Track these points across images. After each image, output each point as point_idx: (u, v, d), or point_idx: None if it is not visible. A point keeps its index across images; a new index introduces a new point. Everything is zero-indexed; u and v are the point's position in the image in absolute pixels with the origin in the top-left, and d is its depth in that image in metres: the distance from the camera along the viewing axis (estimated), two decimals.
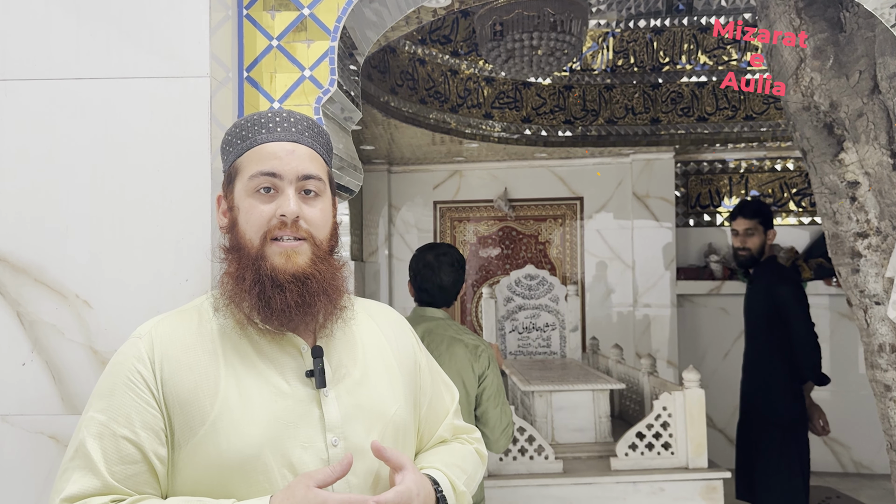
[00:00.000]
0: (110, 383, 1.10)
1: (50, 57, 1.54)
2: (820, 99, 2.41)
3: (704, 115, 5.03)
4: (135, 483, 1.06)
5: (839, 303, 5.16)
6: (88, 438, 1.06)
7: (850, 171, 2.39)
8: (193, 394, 1.08)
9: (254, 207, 1.13)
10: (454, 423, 1.38)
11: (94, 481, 1.04)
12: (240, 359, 1.12)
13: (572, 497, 2.84)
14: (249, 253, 1.12)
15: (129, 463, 1.05)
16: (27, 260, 1.52)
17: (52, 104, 1.54)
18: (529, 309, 4.18)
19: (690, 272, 5.40)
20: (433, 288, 2.48)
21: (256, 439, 1.07)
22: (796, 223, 5.42)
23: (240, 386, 1.10)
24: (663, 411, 2.88)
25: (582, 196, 5.61)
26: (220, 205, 1.21)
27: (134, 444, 1.06)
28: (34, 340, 1.52)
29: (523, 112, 4.97)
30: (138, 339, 1.13)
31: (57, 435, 1.50)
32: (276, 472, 1.07)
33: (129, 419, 1.06)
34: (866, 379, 5.05)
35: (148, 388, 1.08)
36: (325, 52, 1.63)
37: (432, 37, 4.54)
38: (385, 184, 5.70)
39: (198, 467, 1.07)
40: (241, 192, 1.15)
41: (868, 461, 5.09)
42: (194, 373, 1.10)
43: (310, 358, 1.14)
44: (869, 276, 2.41)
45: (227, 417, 1.07)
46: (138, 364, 1.09)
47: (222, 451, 1.06)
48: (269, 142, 1.14)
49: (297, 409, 1.11)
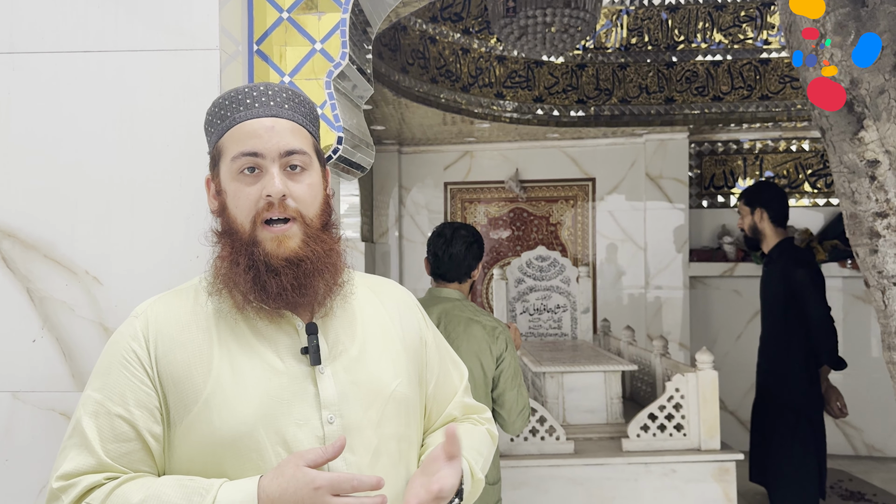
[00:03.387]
0: (107, 362, 1.10)
1: (57, 30, 1.52)
2: (840, 76, 2.36)
3: (720, 94, 4.97)
4: (129, 461, 1.06)
5: (853, 285, 5.12)
6: (84, 417, 1.06)
7: (870, 150, 2.34)
8: (187, 371, 1.08)
9: (240, 191, 1.10)
10: (465, 402, 1.36)
11: (89, 459, 1.04)
12: (234, 337, 1.11)
13: (584, 478, 2.83)
14: (242, 237, 1.10)
15: (123, 441, 1.06)
16: (37, 236, 1.51)
17: (59, 78, 1.52)
18: (541, 290, 4.15)
19: (703, 254, 5.36)
20: (444, 256, 2.45)
21: (249, 417, 1.06)
22: (811, 204, 5.36)
23: (233, 364, 1.09)
24: (676, 392, 2.86)
25: (594, 177, 5.56)
26: (210, 188, 1.19)
27: (128, 422, 1.06)
28: (44, 317, 1.51)
29: (535, 91, 4.92)
30: (134, 318, 1.13)
31: (68, 412, 1.50)
32: (269, 450, 1.06)
33: (123, 397, 1.07)
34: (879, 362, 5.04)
35: (142, 367, 1.08)
36: (337, 24, 1.60)
37: (443, 14, 4.48)
38: (395, 165, 5.67)
39: (192, 445, 1.07)
40: (226, 175, 1.13)
41: (881, 444, 5.07)
42: (188, 350, 1.09)
43: (305, 335, 1.13)
44: (888, 257, 2.37)
45: (219, 395, 1.07)
46: (133, 343, 1.10)
47: (215, 428, 1.06)
48: (248, 119, 1.11)
49: (291, 387, 1.10)
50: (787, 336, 3.27)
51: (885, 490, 4.34)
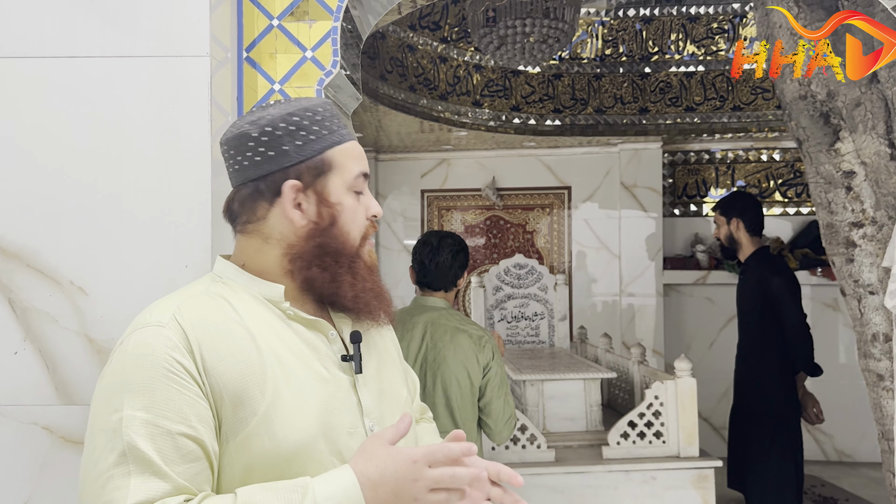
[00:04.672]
0: (145, 377, 0.98)
1: (43, 34, 1.49)
2: (817, 88, 2.41)
3: (693, 105, 5.04)
4: (198, 482, 0.98)
5: (822, 293, 5.21)
6: (139, 440, 0.94)
7: (846, 161, 2.39)
8: (241, 383, 1.02)
9: (357, 207, 1.15)
10: (420, 404, 1.45)
11: (162, 484, 0.94)
12: (279, 346, 1.08)
13: (564, 486, 2.83)
14: (349, 251, 1.15)
15: (191, 461, 0.97)
16: (20, 244, 1.48)
17: (45, 83, 1.49)
18: (518, 298, 4.17)
19: (677, 262, 5.42)
20: (431, 264, 2.45)
21: (312, 427, 1.05)
22: (781, 214, 5.45)
23: (286, 374, 1.05)
24: (655, 400, 2.88)
25: (570, 185, 5.60)
26: (296, 196, 1.12)
27: (194, 440, 0.97)
28: (27, 328, 1.47)
29: (512, 100, 4.94)
30: (160, 328, 1.02)
31: (51, 426, 1.46)
32: (327, 460, 1.05)
33: (182, 414, 0.97)
34: (848, 368, 5.13)
35: (192, 379, 1.00)
36: (328, 32, 1.59)
37: (422, 23, 4.49)
38: (372, 172, 5.65)
39: (251, 460, 1.01)
40: (340, 189, 1.14)
41: (850, 450, 5.16)
42: (238, 361, 1.03)
43: (338, 343, 1.14)
44: (864, 266, 2.42)
45: (280, 406, 1.03)
46: (174, 353, 1.00)
47: (279, 441, 1.01)
48: (352, 140, 1.17)
49: (339, 395, 1.10)
50: (763, 343, 3.32)
51: (856, 494, 4.42)
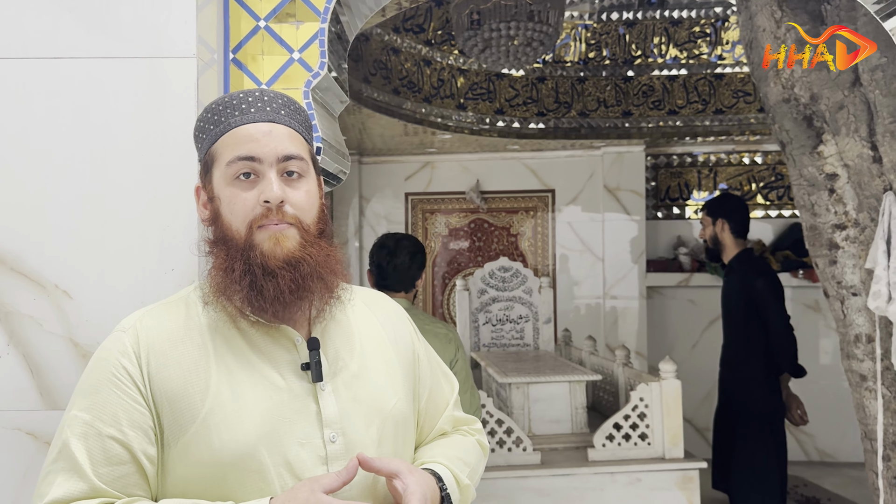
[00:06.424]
0: (94, 380, 1.04)
1: (25, 34, 1.47)
2: (800, 91, 2.43)
3: (675, 108, 5.07)
4: (123, 485, 1.01)
5: (803, 295, 5.26)
6: (72, 439, 1.00)
7: (829, 164, 2.42)
8: (183, 389, 1.03)
9: (235, 196, 1.06)
10: (454, 415, 1.34)
11: (80, 484, 0.98)
12: (231, 353, 1.07)
13: (550, 489, 2.83)
14: (237, 244, 1.06)
15: (116, 464, 1.00)
16: (3, 248, 1.45)
17: (28, 84, 1.47)
18: (503, 301, 4.17)
19: (659, 264, 5.45)
20: (389, 267, 2.46)
21: (251, 436, 1.02)
22: (763, 216, 5.50)
23: (232, 381, 1.05)
24: (640, 402, 2.89)
25: (553, 188, 5.61)
26: (199, 196, 1.14)
27: (121, 443, 1.00)
28: (10, 333, 1.45)
29: (496, 104, 4.95)
30: (122, 333, 1.07)
31: (35, 431, 1.44)
32: (272, 471, 1.03)
33: (115, 417, 1.01)
34: (829, 369, 5.17)
35: (134, 385, 1.03)
36: (315, 34, 1.58)
37: (405, 25, 4.48)
38: (356, 175, 5.63)
39: (189, 467, 1.02)
40: (220, 181, 1.08)
41: (831, 450, 5.21)
42: (183, 368, 1.04)
43: (304, 350, 1.09)
44: (846, 268, 2.44)
45: (219, 413, 1.02)
46: (123, 359, 1.04)
47: (215, 449, 1.01)
48: (244, 124, 1.07)
49: (293, 405, 1.06)
50: (748, 345, 3.34)
51: (838, 494, 4.46)
